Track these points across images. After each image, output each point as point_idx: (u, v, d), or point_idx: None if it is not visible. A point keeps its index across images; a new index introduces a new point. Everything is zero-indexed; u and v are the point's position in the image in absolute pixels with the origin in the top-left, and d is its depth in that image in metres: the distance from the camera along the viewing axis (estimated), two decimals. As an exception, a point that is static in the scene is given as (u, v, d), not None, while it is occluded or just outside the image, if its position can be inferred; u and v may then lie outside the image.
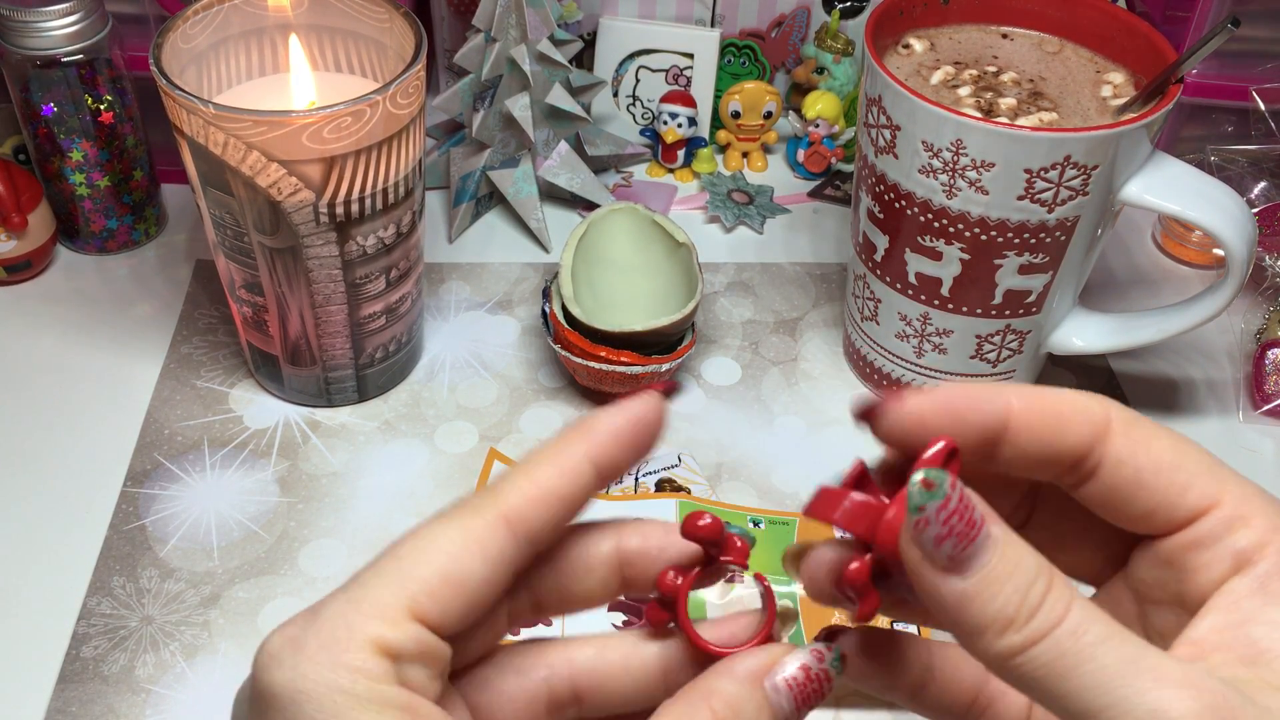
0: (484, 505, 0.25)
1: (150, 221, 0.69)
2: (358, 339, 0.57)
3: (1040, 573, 0.23)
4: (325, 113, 0.48)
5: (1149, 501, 0.25)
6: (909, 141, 0.51)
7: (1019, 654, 0.22)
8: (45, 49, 0.60)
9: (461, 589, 0.24)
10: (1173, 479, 0.25)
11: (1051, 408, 0.25)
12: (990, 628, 0.22)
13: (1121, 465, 0.25)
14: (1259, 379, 0.62)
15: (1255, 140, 0.70)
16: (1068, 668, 0.22)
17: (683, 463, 0.55)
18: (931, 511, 0.22)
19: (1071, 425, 0.25)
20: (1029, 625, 0.22)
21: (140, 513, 0.54)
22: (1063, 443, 0.25)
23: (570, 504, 0.26)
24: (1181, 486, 0.25)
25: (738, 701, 0.25)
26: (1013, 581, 0.22)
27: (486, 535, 0.25)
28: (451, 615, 0.24)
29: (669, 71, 0.75)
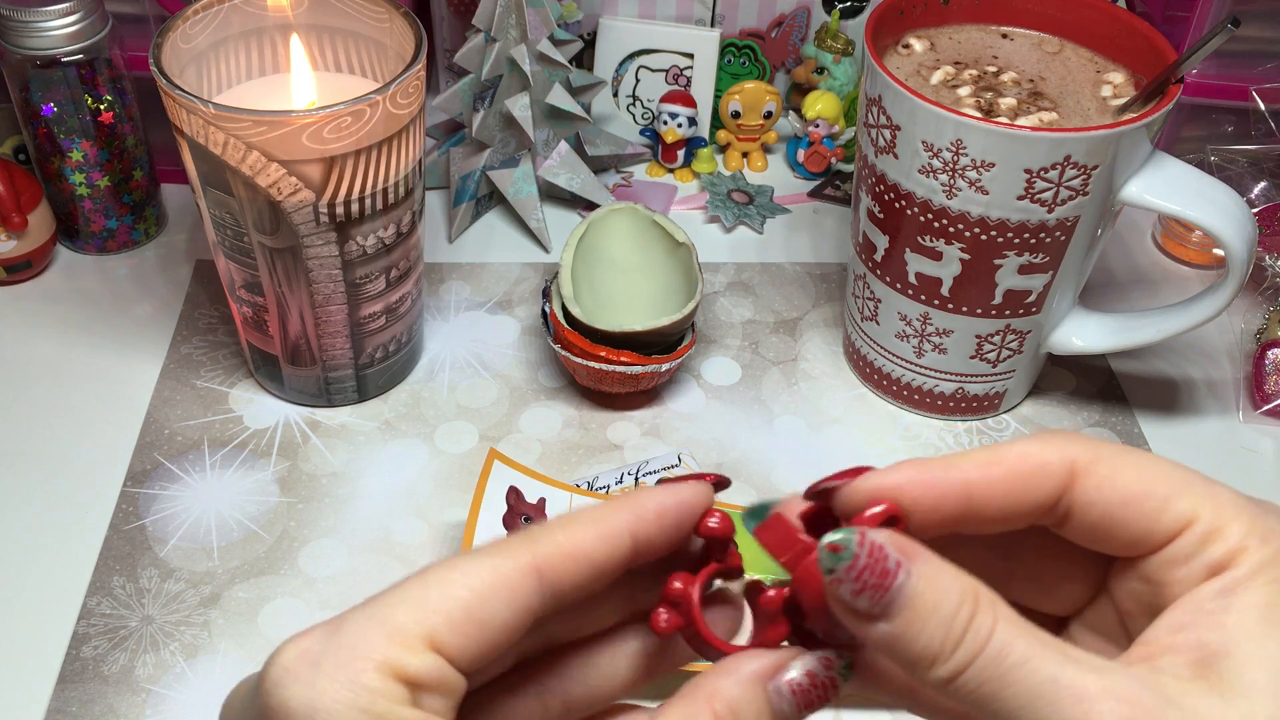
0: (518, 549, 0.25)
1: (150, 221, 0.69)
2: (358, 339, 0.57)
3: (964, 601, 0.24)
4: (325, 113, 0.48)
5: (1126, 534, 0.26)
6: (909, 141, 0.51)
7: (951, 681, 0.23)
8: (45, 49, 0.60)
9: (483, 628, 0.24)
10: (1144, 508, 0.26)
11: (1011, 471, 0.26)
12: (919, 663, 0.24)
13: (1091, 507, 0.26)
14: (1259, 379, 0.62)
15: (1255, 140, 0.70)
16: (996, 690, 0.23)
17: (683, 463, 0.55)
18: (841, 571, 0.23)
19: (1033, 484, 0.26)
20: (955, 656, 0.23)
21: (140, 513, 0.54)
22: (1027, 502, 0.26)
23: (602, 571, 0.26)
24: (1154, 512, 0.25)
25: (739, 703, 0.25)
26: (935, 616, 0.23)
27: (516, 580, 0.25)
28: (468, 652, 0.24)
29: (669, 71, 0.75)
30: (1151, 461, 0.26)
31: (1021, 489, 0.26)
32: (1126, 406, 0.62)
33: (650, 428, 0.59)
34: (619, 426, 0.59)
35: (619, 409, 0.60)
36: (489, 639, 0.24)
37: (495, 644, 0.25)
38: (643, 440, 0.59)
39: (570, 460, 0.57)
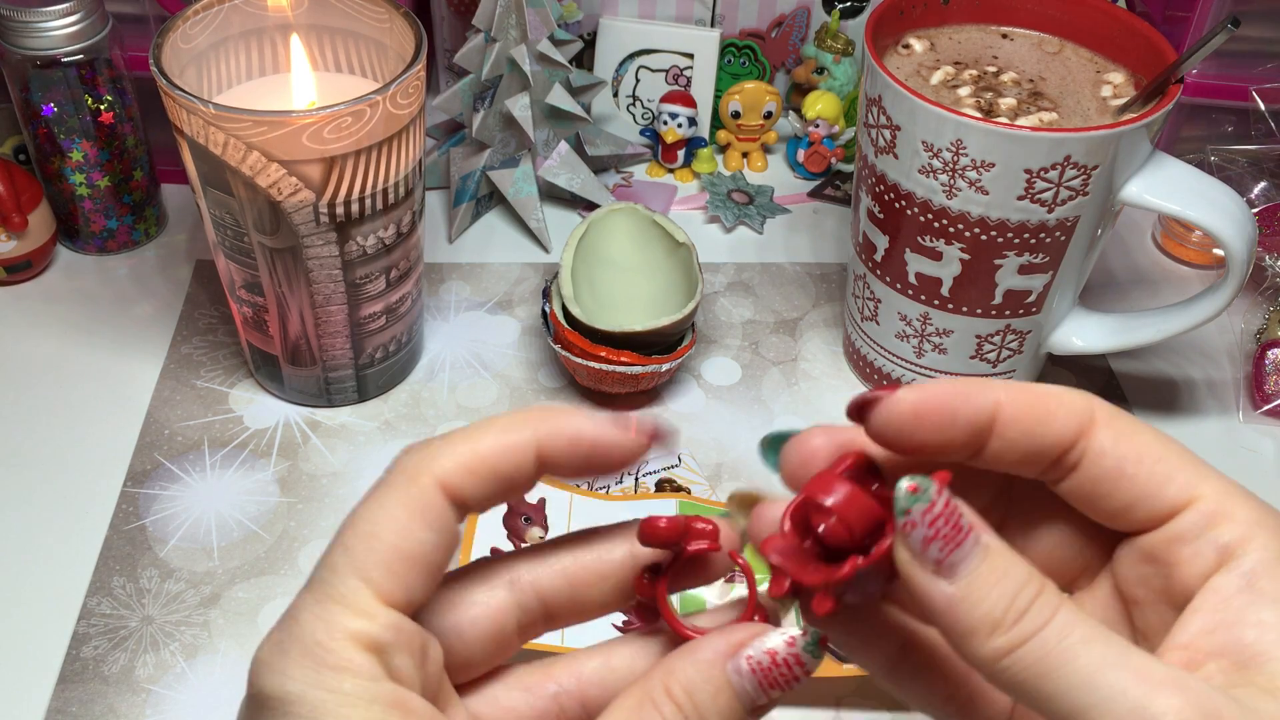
0: (420, 471, 0.26)
1: (150, 221, 0.69)
2: (358, 339, 0.57)
3: (1030, 580, 0.23)
4: (325, 113, 0.48)
5: (1130, 493, 0.26)
6: (909, 141, 0.51)
7: (1005, 656, 0.23)
8: (45, 49, 0.60)
9: (417, 561, 0.25)
10: (1154, 470, 0.25)
11: (1038, 401, 0.26)
12: (978, 630, 0.23)
13: (1104, 456, 0.26)
14: (1259, 379, 0.62)
15: (1255, 140, 0.70)
16: (1052, 667, 0.22)
17: (683, 463, 0.55)
18: (918, 514, 0.23)
19: (1057, 418, 0.26)
20: (1015, 628, 0.23)
21: (140, 513, 0.54)
22: (1048, 435, 0.26)
23: (506, 485, 0.26)
24: (1163, 478, 0.25)
25: (694, 683, 0.25)
26: (1000, 586, 0.23)
27: (427, 503, 0.25)
28: (416, 590, 0.25)
29: (669, 71, 0.75)
30: (1165, 436, 0.26)
31: (1045, 419, 0.26)
32: (1126, 406, 0.62)
33: (650, 428, 0.59)
34: (619, 426, 0.59)
35: (619, 409, 0.60)
36: (427, 568, 0.25)
37: (435, 568, 0.25)
38: (643, 440, 0.59)
39: (570, 460, 0.57)
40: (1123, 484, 0.26)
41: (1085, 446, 0.26)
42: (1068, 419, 0.26)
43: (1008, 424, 0.26)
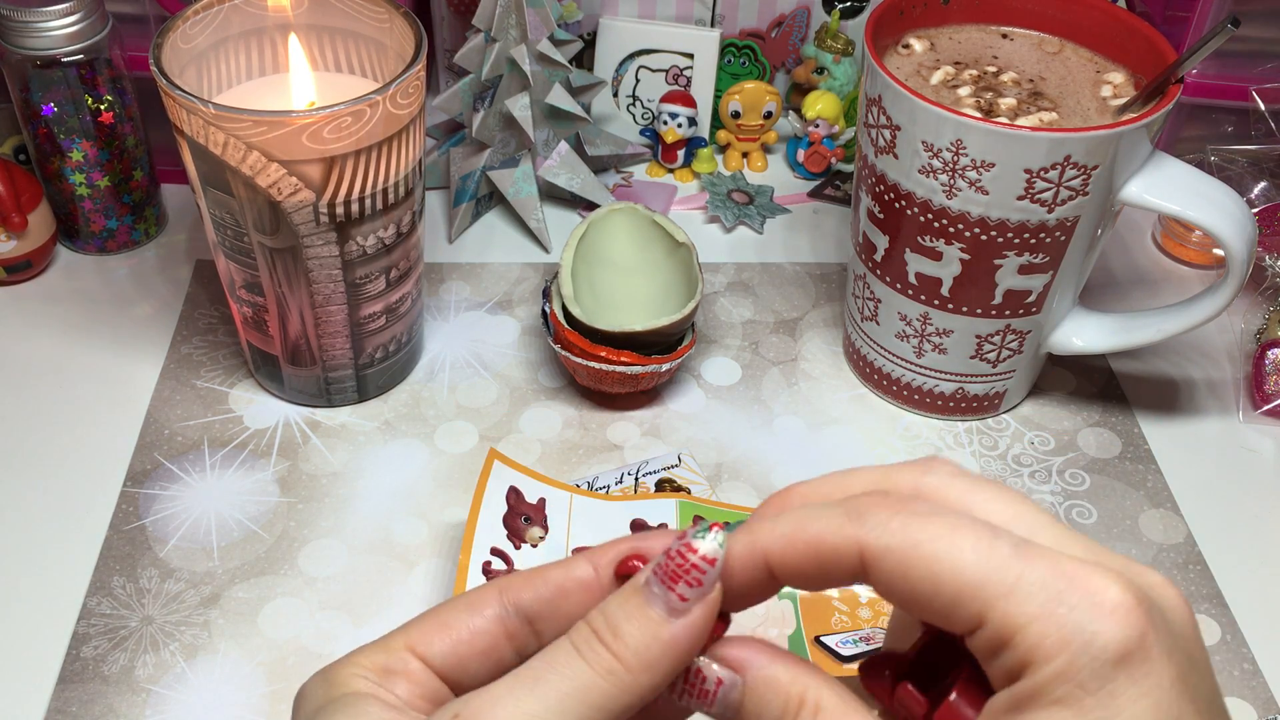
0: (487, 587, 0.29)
1: (150, 221, 0.69)
2: (358, 339, 0.57)
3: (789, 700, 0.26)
4: (325, 113, 0.48)
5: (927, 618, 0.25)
6: (909, 141, 0.51)
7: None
8: (45, 49, 0.60)
9: (448, 629, 0.28)
10: (933, 605, 0.24)
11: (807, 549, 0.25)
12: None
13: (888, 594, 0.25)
14: (1259, 379, 0.62)
15: (1255, 140, 0.70)
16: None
17: (683, 463, 0.55)
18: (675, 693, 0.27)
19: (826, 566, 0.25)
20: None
21: (140, 513, 0.54)
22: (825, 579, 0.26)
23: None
24: (945, 610, 0.24)
25: (609, 605, 0.26)
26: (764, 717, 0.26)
27: (478, 596, 0.29)
28: (437, 649, 0.28)
29: (669, 71, 0.75)
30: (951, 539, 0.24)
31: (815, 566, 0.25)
32: (1126, 406, 0.62)
33: (650, 428, 0.59)
34: (619, 426, 0.59)
35: (619, 409, 0.60)
36: (454, 637, 0.28)
37: (461, 641, 0.28)
38: (643, 440, 0.59)
39: (570, 460, 0.57)
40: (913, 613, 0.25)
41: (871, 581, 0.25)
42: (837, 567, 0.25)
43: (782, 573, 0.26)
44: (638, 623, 0.26)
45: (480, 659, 0.28)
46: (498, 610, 0.28)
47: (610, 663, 0.25)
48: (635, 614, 0.26)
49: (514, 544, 0.49)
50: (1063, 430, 0.61)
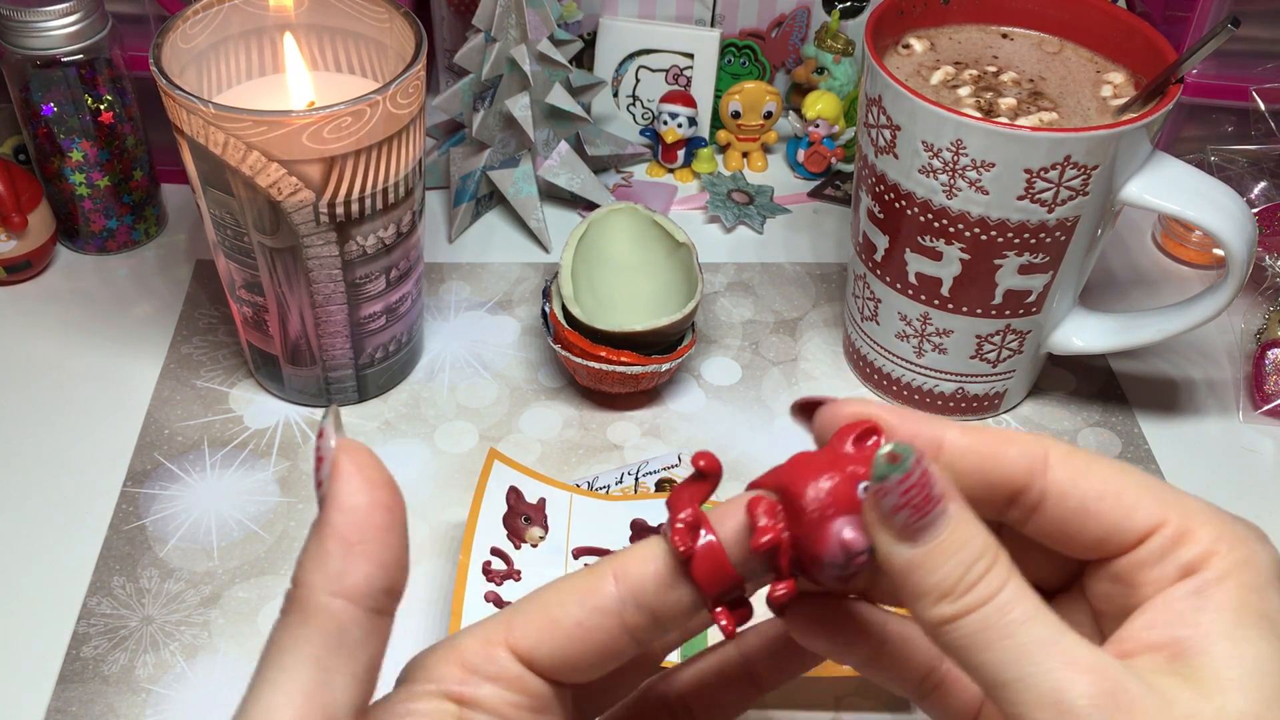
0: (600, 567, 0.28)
1: (150, 221, 0.69)
2: (358, 339, 0.57)
3: (985, 551, 0.24)
4: (325, 113, 0.48)
5: (1097, 529, 0.27)
6: (909, 141, 0.51)
7: (950, 623, 0.24)
8: (45, 49, 0.60)
9: (555, 625, 0.27)
10: (1117, 503, 0.26)
11: (986, 442, 0.27)
12: (929, 595, 0.24)
13: (1065, 497, 0.27)
14: (1259, 379, 0.62)
15: (1255, 140, 0.70)
16: (989, 640, 0.24)
17: (683, 463, 0.55)
18: (892, 482, 0.24)
19: (1006, 458, 0.27)
20: (963, 599, 0.24)
21: (140, 513, 0.54)
22: (997, 474, 0.27)
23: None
24: (1127, 510, 0.26)
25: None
26: (957, 557, 0.24)
27: (590, 582, 0.27)
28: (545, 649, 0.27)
29: (669, 71, 0.75)
30: (1123, 465, 0.27)
31: (995, 457, 0.27)
32: (1126, 406, 0.62)
33: (650, 428, 0.59)
34: (619, 426, 0.59)
35: (619, 409, 0.60)
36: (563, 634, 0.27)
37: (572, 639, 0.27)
38: (643, 440, 0.59)
39: (570, 460, 0.58)
40: (1088, 521, 0.27)
41: (1043, 488, 0.27)
42: (1017, 459, 0.27)
43: (954, 460, 0.27)
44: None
45: (593, 655, 0.27)
46: (614, 601, 0.27)
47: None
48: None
49: (514, 544, 0.49)
50: (1063, 430, 0.61)
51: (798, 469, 0.26)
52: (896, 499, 0.24)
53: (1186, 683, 0.24)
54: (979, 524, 0.25)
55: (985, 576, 0.24)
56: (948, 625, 0.24)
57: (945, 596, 0.24)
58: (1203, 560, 0.26)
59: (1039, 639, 0.24)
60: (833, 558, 0.25)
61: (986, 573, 0.24)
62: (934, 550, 0.24)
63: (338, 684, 0.24)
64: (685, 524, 0.27)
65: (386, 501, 0.25)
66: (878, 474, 0.24)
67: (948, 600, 0.24)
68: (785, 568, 0.26)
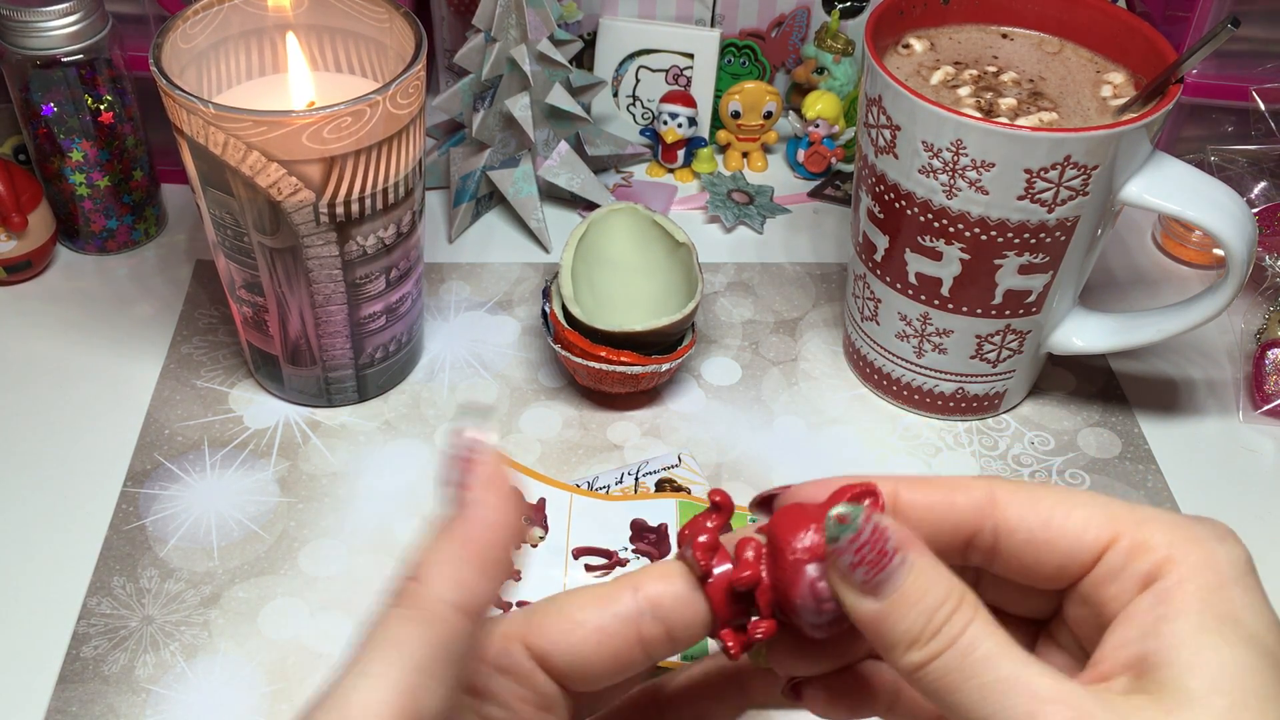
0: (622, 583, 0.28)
1: (150, 221, 0.69)
2: (358, 339, 0.57)
3: (949, 595, 0.25)
4: (325, 113, 0.48)
5: (1053, 557, 0.27)
6: (909, 141, 0.51)
7: (922, 668, 0.25)
8: (45, 49, 0.60)
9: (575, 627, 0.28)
10: (1065, 527, 0.27)
11: (936, 494, 0.28)
12: (899, 645, 0.25)
13: (1014, 531, 0.27)
14: (1259, 379, 0.62)
15: (1255, 140, 0.70)
16: (956, 683, 0.24)
17: (683, 463, 0.55)
18: (844, 542, 0.25)
19: (955, 506, 0.27)
20: (929, 645, 0.25)
21: (140, 513, 0.54)
22: (949, 523, 0.27)
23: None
24: (1077, 532, 0.27)
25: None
26: (920, 605, 0.25)
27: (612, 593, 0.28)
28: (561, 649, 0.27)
29: (669, 71, 0.75)
30: (1069, 491, 0.28)
31: (945, 506, 0.27)
32: (1126, 406, 0.62)
33: (650, 428, 0.59)
34: (619, 426, 0.59)
35: (619, 409, 0.60)
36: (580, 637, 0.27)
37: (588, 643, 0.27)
38: (643, 440, 0.59)
39: (570, 460, 0.58)
40: (1042, 550, 0.27)
41: (995, 527, 0.27)
42: (965, 505, 0.27)
43: (907, 512, 0.27)
44: None
45: (607, 662, 0.27)
46: (632, 609, 0.27)
47: None
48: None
49: (514, 544, 0.49)
50: (1063, 430, 0.61)
51: (789, 517, 0.27)
52: (851, 557, 0.25)
53: (1153, 700, 0.24)
54: (940, 569, 0.25)
55: (950, 620, 0.25)
56: (919, 671, 0.25)
57: (914, 644, 0.25)
58: (1160, 568, 0.26)
59: (1003, 677, 0.24)
60: (804, 602, 0.26)
61: (951, 616, 0.25)
62: (896, 601, 0.25)
63: (434, 691, 0.24)
64: (706, 544, 0.28)
65: (515, 525, 0.26)
66: (829, 535, 0.25)
67: (916, 648, 0.25)
68: (764, 608, 0.27)
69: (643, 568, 0.28)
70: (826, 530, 0.25)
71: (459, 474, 0.25)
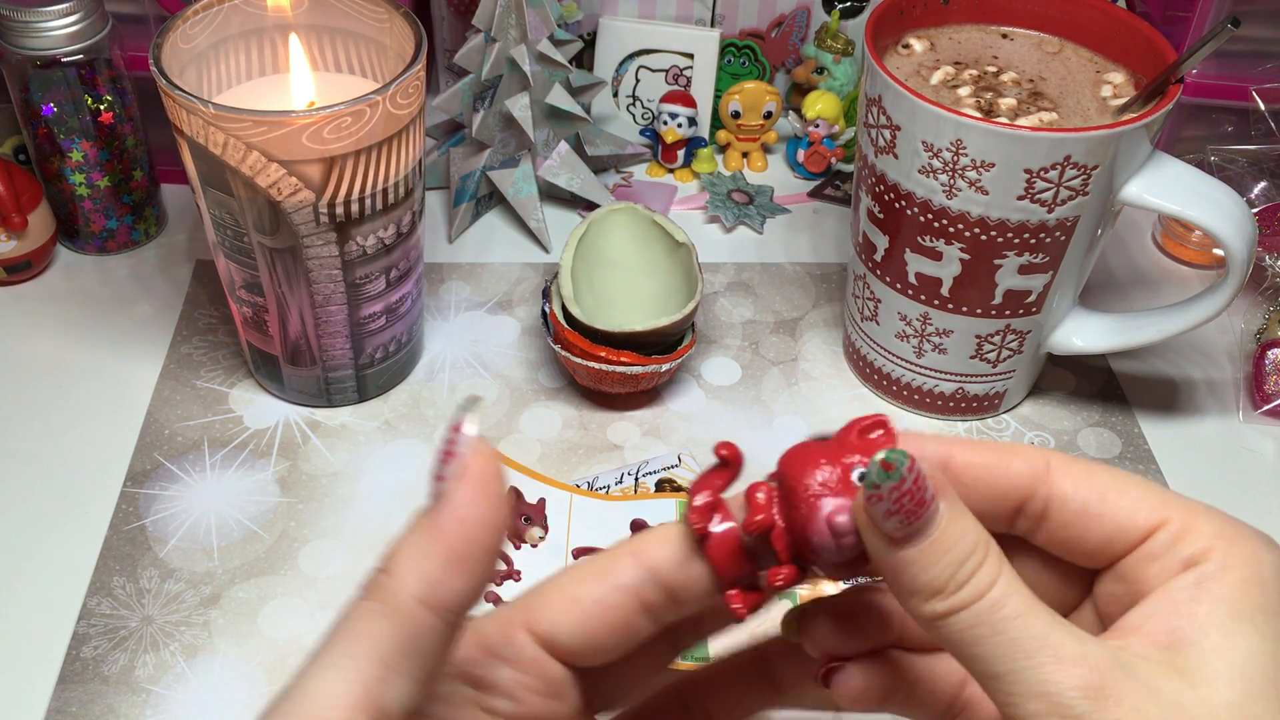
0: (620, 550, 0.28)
1: (150, 221, 0.69)
2: (358, 339, 0.57)
3: (976, 548, 0.25)
4: (325, 113, 0.48)
5: (1101, 531, 0.27)
6: (909, 141, 0.51)
7: (943, 619, 0.25)
8: (45, 49, 0.60)
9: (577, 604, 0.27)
10: (1119, 504, 0.27)
11: (991, 456, 0.28)
12: (921, 593, 0.25)
13: (1068, 501, 0.27)
14: (1259, 379, 0.62)
15: (1255, 140, 0.70)
16: (981, 635, 0.24)
17: (683, 463, 0.55)
18: (886, 490, 0.24)
19: (1010, 470, 0.28)
20: (955, 595, 0.24)
21: (140, 513, 0.54)
22: (1002, 485, 0.27)
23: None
24: (1129, 510, 0.27)
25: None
26: (949, 555, 0.24)
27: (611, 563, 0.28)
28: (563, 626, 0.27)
29: (669, 71, 0.75)
30: (1124, 473, 0.28)
31: (1000, 469, 0.27)
32: (1126, 406, 0.62)
33: (650, 428, 0.59)
34: (619, 426, 0.59)
35: (619, 409, 0.60)
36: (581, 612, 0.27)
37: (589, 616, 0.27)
38: (643, 440, 0.59)
39: (570, 460, 0.58)
40: (1092, 523, 0.27)
41: (1047, 494, 0.27)
42: (1021, 467, 0.27)
43: (962, 473, 0.27)
44: None
45: (611, 632, 0.27)
46: (633, 578, 0.27)
47: None
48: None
49: (514, 544, 0.49)
50: (1063, 430, 0.61)
51: (799, 456, 0.26)
52: (889, 505, 0.24)
53: (1176, 673, 0.24)
54: (970, 519, 0.25)
55: (977, 573, 0.24)
56: (941, 621, 0.25)
57: (938, 594, 0.24)
58: (1204, 554, 0.26)
59: (1030, 633, 0.24)
60: (821, 539, 0.25)
61: (978, 569, 0.25)
62: (925, 550, 0.24)
63: (398, 685, 0.24)
64: (702, 506, 0.27)
65: (497, 522, 0.25)
66: (870, 481, 0.24)
67: (940, 597, 0.25)
68: (782, 553, 0.26)
69: (644, 532, 0.28)
70: (869, 475, 0.24)
71: (440, 467, 0.25)
